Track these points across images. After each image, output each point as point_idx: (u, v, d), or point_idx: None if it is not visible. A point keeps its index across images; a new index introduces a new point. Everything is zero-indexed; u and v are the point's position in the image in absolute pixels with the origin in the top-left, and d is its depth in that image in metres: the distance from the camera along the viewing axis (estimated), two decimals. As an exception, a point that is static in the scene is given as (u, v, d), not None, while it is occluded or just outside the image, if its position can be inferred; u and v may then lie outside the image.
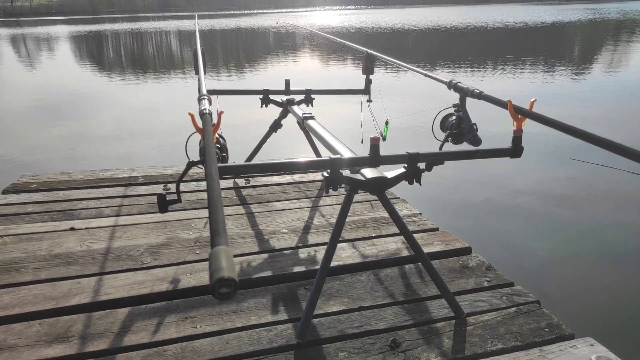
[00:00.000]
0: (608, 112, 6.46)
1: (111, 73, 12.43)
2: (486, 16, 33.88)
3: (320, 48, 15.63)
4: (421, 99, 7.00)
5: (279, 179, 3.02)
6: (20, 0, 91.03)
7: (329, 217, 2.46)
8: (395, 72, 9.42)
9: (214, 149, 1.01)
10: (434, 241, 2.20)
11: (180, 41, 23.65)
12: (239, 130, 5.30)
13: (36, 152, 5.17)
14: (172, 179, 2.99)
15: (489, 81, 8.92)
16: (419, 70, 2.10)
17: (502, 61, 11.92)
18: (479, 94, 1.65)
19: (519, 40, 17.35)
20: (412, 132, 5.13)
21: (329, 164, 1.46)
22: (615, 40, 16.52)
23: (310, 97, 2.75)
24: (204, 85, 1.63)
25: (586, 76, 9.55)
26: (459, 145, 1.81)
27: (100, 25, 39.51)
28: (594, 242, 3.04)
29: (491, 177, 4.06)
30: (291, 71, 11.30)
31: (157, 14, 72.63)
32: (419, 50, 15.92)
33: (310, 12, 62.32)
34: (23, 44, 23.64)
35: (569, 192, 3.75)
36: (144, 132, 5.98)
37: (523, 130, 1.53)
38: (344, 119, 5.04)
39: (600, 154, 1.34)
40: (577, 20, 25.86)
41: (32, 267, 1.93)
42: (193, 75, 10.49)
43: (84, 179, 3.00)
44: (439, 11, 48.55)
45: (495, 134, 4.21)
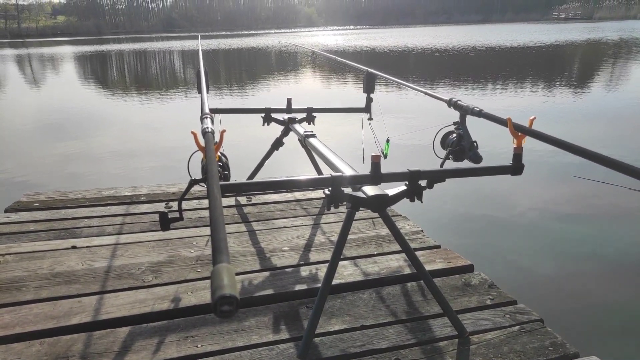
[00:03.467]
0: (607, 129, 6.48)
1: (114, 92, 12.55)
2: (485, 36, 34.25)
3: (322, 67, 15.79)
4: (422, 117, 7.04)
5: (281, 197, 3.03)
6: (27, 22, 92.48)
7: (331, 235, 2.46)
8: (396, 91, 9.49)
9: (216, 167, 1.01)
10: (436, 259, 2.19)
11: (183, 61, 23.94)
12: (240, 149, 5.33)
13: (39, 171, 5.20)
14: (174, 197, 2.99)
15: (489, 99, 8.98)
16: (419, 89, 2.12)
17: (502, 80, 12.01)
18: (479, 112, 1.66)
19: (519, 59, 17.51)
20: (413, 150, 5.15)
21: (331, 182, 1.46)
22: (613, 59, 16.66)
23: (311, 115, 2.77)
24: (207, 104, 1.65)
25: (585, 94, 9.61)
26: (459, 163, 1.81)
27: (105, 45, 40.05)
28: (597, 259, 3.02)
29: (493, 195, 4.06)
30: (293, 90, 11.39)
31: (160, 34, 73.63)
32: (419, 69, 16.06)
33: (312, 32, 63.14)
34: (28, 64, 23.94)
35: (571, 210, 3.74)
36: (146, 151, 6.02)
37: (523, 147, 1.54)
38: (345, 137, 5.06)
39: (602, 171, 1.34)
40: (575, 39, 26.13)
41: (34, 286, 1.93)
42: (195, 94, 10.57)
43: (86, 197, 3.01)
44: (439, 31, 49.12)
45: (496, 152, 4.22)
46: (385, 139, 2.12)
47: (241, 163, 2.90)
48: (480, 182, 4.06)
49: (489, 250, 3.15)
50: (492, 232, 3.44)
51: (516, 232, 3.42)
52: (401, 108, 7.91)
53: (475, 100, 8.65)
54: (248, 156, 3.20)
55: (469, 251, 2.42)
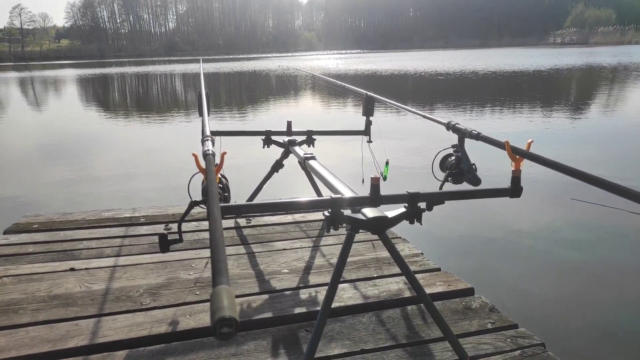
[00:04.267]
0: (605, 152, 6.52)
1: (116, 114, 12.65)
2: (483, 60, 34.73)
3: (322, 90, 15.96)
4: (421, 139, 7.09)
5: (280, 219, 3.02)
6: (31, 46, 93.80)
7: (330, 257, 2.45)
8: (395, 114, 9.57)
9: (216, 189, 1.02)
10: (436, 282, 2.18)
11: (184, 84, 24.20)
12: (241, 171, 5.34)
13: (39, 192, 5.20)
14: (174, 219, 2.99)
15: (487, 122, 9.05)
16: (417, 112, 2.14)
17: (500, 103, 12.13)
18: (477, 135, 1.68)
19: (516, 82, 17.72)
20: (412, 172, 5.16)
21: (330, 204, 1.47)
22: (610, 83, 16.86)
23: (311, 138, 2.79)
24: (208, 126, 1.66)
25: (583, 118, 9.69)
26: (458, 185, 1.82)
27: (107, 68, 40.53)
28: (597, 283, 3.00)
29: (492, 217, 4.06)
30: (293, 113, 11.49)
31: (163, 57, 74.61)
32: (418, 93, 16.24)
33: (312, 56, 64.02)
34: (31, 87, 24.19)
35: (571, 232, 3.74)
36: (147, 172, 6.03)
37: (522, 170, 1.55)
38: (344, 160, 5.08)
39: (600, 194, 1.35)
40: (573, 63, 26.49)
41: (31, 309, 1.91)
42: (196, 117, 10.66)
43: (86, 219, 3.00)
44: (437, 55, 49.82)
45: (495, 174, 4.23)
46: (385, 162, 2.14)
47: (241, 185, 2.91)
48: (480, 204, 4.06)
49: (489, 273, 3.13)
50: (492, 255, 3.42)
51: (516, 255, 3.41)
52: (400, 131, 7.97)
53: (473, 123, 8.72)
54: (248, 178, 3.21)
55: (469, 274, 2.40)
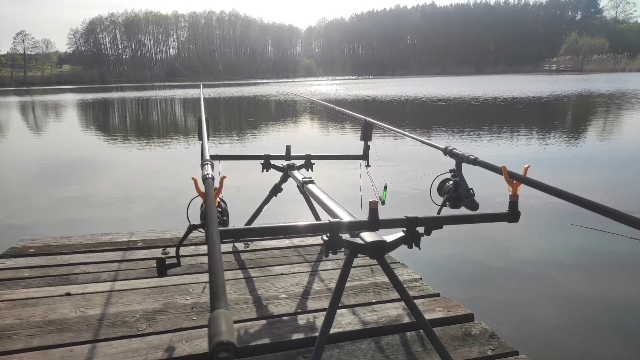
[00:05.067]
0: (602, 177, 6.55)
1: (115, 138, 12.71)
2: (481, 86, 35.18)
3: (320, 115, 16.10)
4: (418, 164, 7.12)
5: (278, 243, 3.01)
6: (33, 71, 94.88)
7: (329, 282, 2.43)
8: (393, 139, 9.64)
9: (215, 213, 1.03)
10: (435, 307, 2.16)
11: (184, 108, 24.41)
12: (239, 194, 5.34)
13: (37, 216, 5.18)
14: (172, 243, 2.98)
15: (485, 147, 9.12)
16: (415, 137, 2.16)
17: (498, 129, 12.24)
18: (474, 160, 1.69)
19: (514, 109, 17.92)
20: (410, 197, 5.17)
21: (329, 228, 1.47)
22: (605, 110, 17.06)
23: (310, 162, 2.81)
24: (207, 150, 1.68)
25: (579, 143, 9.77)
26: (456, 210, 1.83)
27: (108, 93, 40.91)
28: (597, 308, 2.98)
29: (491, 242, 4.05)
30: (292, 137, 11.57)
31: (163, 83, 75.45)
32: (415, 118, 16.39)
33: (311, 81, 64.82)
34: (31, 111, 24.36)
35: (571, 258, 3.72)
36: (145, 196, 6.03)
37: (519, 195, 1.56)
38: (343, 184, 5.10)
39: (599, 219, 1.35)
40: (569, 90, 26.83)
41: (25, 334, 1.89)
42: (195, 141, 10.71)
43: (83, 243, 2.99)
44: (434, 81, 50.49)
45: (493, 199, 4.24)
46: (383, 186, 2.14)
47: (240, 209, 2.91)
48: (478, 229, 4.05)
49: (488, 299, 3.11)
50: (491, 280, 3.40)
51: (516, 280, 3.39)
52: (398, 155, 8.01)
53: (471, 147, 8.78)
54: (247, 202, 3.21)
55: (468, 299, 2.39)
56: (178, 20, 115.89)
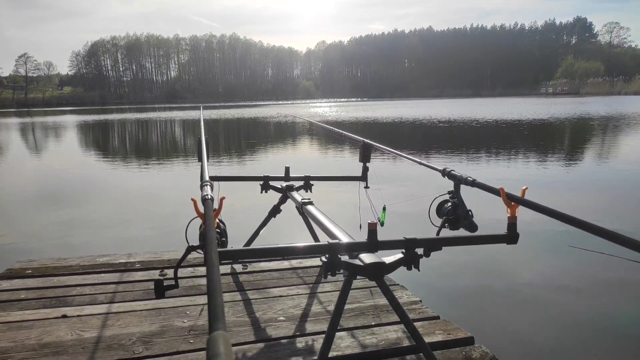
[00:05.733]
0: (600, 199, 6.56)
1: (114, 159, 12.74)
2: (479, 108, 35.49)
3: (319, 137, 16.19)
4: (417, 185, 7.13)
5: (277, 265, 3.00)
6: (34, 93, 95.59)
7: (327, 304, 2.41)
8: (392, 160, 9.68)
9: (214, 234, 1.03)
10: (435, 330, 2.14)
11: (184, 130, 24.54)
12: (238, 215, 5.33)
13: (35, 237, 5.16)
14: (169, 265, 2.96)
15: (483, 168, 9.15)
16: (414, 159, 2.18)
17: (495, 151, 12.31)
18: (472, 182, 1.70)
19: (511, 132, 18.05)
20: (409, 218, 5.16)
21: (327, 249, 1.47)
22: (602, 133, 17.20)
23: (309, 183, 2.82)
24: (207, 172, 1.68)
25: (577, 165, 9.82)
26: (455, 231, 1.83)
27: (108, 115, 41.16)
28: (597, 331, 2.95)
29: (490, 264, 4.03)
30: (291, 159, 11.61)
31: (163, 105, 75.97)
32: (414, 139, 16.49)
33: (310, 103, 65.38)
34: (31, 132, 24.47)
35: (569, 280, 3.70)
36: (144, 218, 6.01)
37: (518, 216, 1.56)
38: (342, 205, 5.09)
39: (598, 241, 1.35)
40: (568, 113, 27.06)
41: (19, 358, 1.86)
42: (194, 163, 10.74)
43: (80, 264, 2.97)
44: (432, 104, 50.93)
45: (491, 220, 4.23)
46: (382, 207, 2.15)
47: (239, 230, 2.90)
48: (477, 250, 4.03)
49: (489, 322, 3.08)
50: (491, 303, 3.37)
51: (515, 303, 3.36)
52: (397, 177, 8.03)
53: (469, 169, 8.81)
54: (246, 223, 3.20)
55: (468, 322, 2.36)
56: (179, 43, 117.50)
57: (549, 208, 1.39)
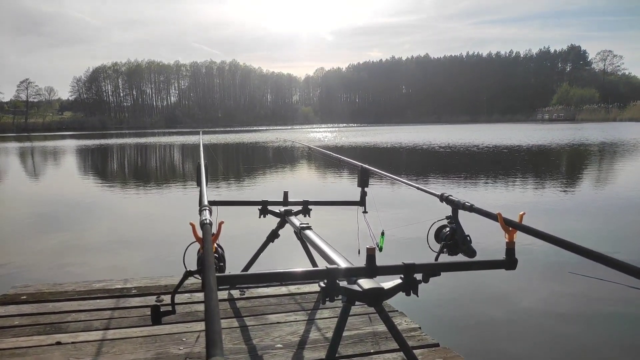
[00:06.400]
0: (598, 224, 6.56)
1: (112, 184, 12.74)
2: (476, 134, 35.77)
3: (318, 161, 16.25)
4: (415, 210, 7.13)
5: (275, 291, 2.97)
6: (34, 117, 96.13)
7: (326, 331, 2.38)
8: (390, 185, 9.70)
9: (212, 259, 1.03)
10: (435, 358, 2.11)
11: (183, 154, 24.63)
12: (236, 240, 5.30)
13: (31, 262, 5.11)
14: (166, 290, 2.93)
15: (481, 193, 9.17)
16: (412, 184, 2.19)
17: (493, 176, 12.35)
18: (470, 207, 1.71)
19: (508, 158, 18.16)
20: (407, 243, 5.14)
21: (326, 274, 1.46)
22: (599, 159, 17.31)
23: (307, 208, 2.82)
24: (206, 196, 1.69)
25: (575, 191, 9.85)
26: (454, 257, 1.82)
27: (107, 139, 41.35)
28: (598, 359, 2.91)
29: (490, 290, 3.99)
30: (289, 183, 11.62)
31: (163, 129, 76.40)
32: (411, 164, 16.56)
33: (308, 128, 65.89)
34: (30, 157, 24.52)
35: (570, 307, 3.67)
36: (141, 242, 5.98)
37: (517, 242, 1.56)
38: (340, 230, 5.08)
39: (597, 267, 1.35)
40: (564, 140, 27.27)
41: (11, 386, 1.82)
42: (192, 187, 10.74)
43: (76, 290, 2.94)
44: (429, 129, 51.35)
45: (490, 245, 4.23)
46: (380, 232, 2.14)
47: (237, 255, 2.88)
48: (476, 276, 4.01)
49: (488, 350, 3.03)
50: (491, 330, 3.33)
51: (515, 330, 3.32)
52: (395, 202, 8.03)
53: (467, 193, 8.83)
54: (244, 248, 3.19)
55: (468, 350, 2.33)
56: (180, 69, 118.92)
57: (547, 234, 1.39)
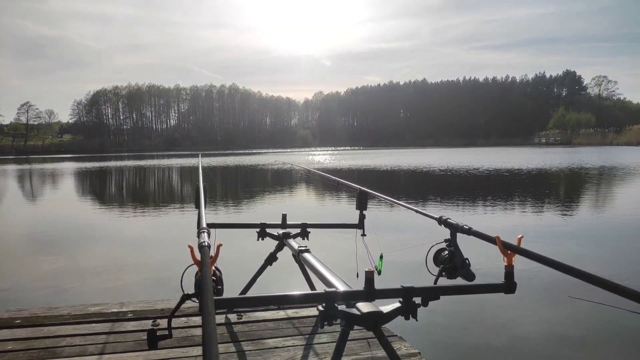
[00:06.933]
0: (597, 248, 6.54)
1: (110, 206, 12.71)
2: (475, 157, 35.94)
3: (316, 184, 16.27)
4: (414, 233, 7.11)
5: (272, 315, 2.93)
6: (34, 140, 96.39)
7: (324, 356, 2.35)
8: (388, 208, 9.69)
9: (211, 282, 1.02)
10: (435, 384, 2.07)
11: (181, 177, 24.64)
12: (234, 263, 5.27)
13: (26, 285, 5.06)
14: (162, 314, 2.90)
15: (480, 216, 9.16)
16: (410, 207, 2.19)
17: (492, 199, 12.36)
18: (468, 230, 1.71)
19: (507, 181, 18.21)
20: (406, 266, 5.11)
21: (324, 298, 1.45)
22: (597, 183, 17.36)
23: (306, 230, 2.81)
24: (204, 219, 1.69)
25: (573, 215, 9.85)
26: (453, 280, 1.81)
27: (107, 162, 41.42)
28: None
29: (489, 314, 3.95)
30: (288, 206, 11.61)
31: (162, 152, 76.60)
32: (410, 187, 16.58)
33: (307, 151, 66.16)
34: (28, 179, 24.50)
35: (572, 333, 3.63)
36: (138, 265, 5.93)
37: (516, 265, 1.55)
38: (339, 253, 5.06)
39: (597, 291, 1.34)
40: (563, 163, 27.39)
41: (2, 412, 1.78)
42: (191, 210, 10.72)
43: (72, 313, 2.90)
44: (429, 152, 51.60)
45: (490, 269, 4.21)
46: (379, 255, 2.14)
47: (235, 277, 2.86)
48: (475, 300, 3.97)
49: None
50: (491, 355, 3.29)
51: (516, 355, 3.28)
52: (394, 224, 8.02)
53: (466, 217, 8.82)
54: (242, 271, 3.17)
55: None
56: (180, 93, 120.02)
57: (546, 257, 1.39)
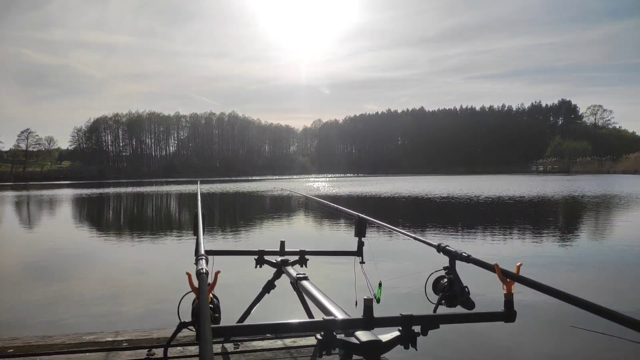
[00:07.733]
0: (597, 277, 6.50)
1: (107, 233, 12.64)
2: (473, 185, 36.01)
3: (314, 211, 16.24)
4: (413, 260, 7.07)
5: (270, 344, 2.88)
6: (32, 166, 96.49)
7: (322, 388, 2.30)
8: (387, 235, 9.66)
9: (208, 309, 1.01)
10: (435, 416, 2.03)
11: (180, 203, 24.60)
12: (232, 290, 5.21)
13: (20, 314, 4.98)
14: (158, 344, 2.84)
15: (479, 243, 9.12)
16: (409, 234, 2.19)
17: (491, 226, 12.34)
18: (467, 258, 1.70)
19: (505, 208, 18.21)
20: (405, 294, 5.06)
21: (323, 326, 1.43)
22: (595, 211, 17.38)
23: (304, 258, 2.79)
24: (202, 246, 1.68)
25: (573, 243, 9.82)
26: (452, 308, 1.79)
27: (105, 189, 41.39)
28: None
29: (489, 343, 3.89)
30: (286, 233, 11.56)
31: (161, 179, 76.66)
32: (409, 214, 16.56)
33: (306, 178, 66.30)
34: (26, 206, 24.43)
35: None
36: (134, 294, 5.86)
37: (517, 293, 1.54)
38: (337, 280, 5.01)
39: (598, 320, 1.33)
40: (564, 191, 27.46)
41: None
42: (188, 237, 10.66)
43: (65, 342, 2.85)
44: (427, 180, 51.72)
45: (491, 297, 4.16)
46: (378, 283, 2.12)
47: (232, 305, 2.83)
48: (476, 328, 3.92)
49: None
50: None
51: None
52: (392, 252, 7.97)
53: (466, 244, 8.78)
54: (239, 298, 3.13)
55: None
56: (179, 120, 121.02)
57: (545, 285, 1.38)
